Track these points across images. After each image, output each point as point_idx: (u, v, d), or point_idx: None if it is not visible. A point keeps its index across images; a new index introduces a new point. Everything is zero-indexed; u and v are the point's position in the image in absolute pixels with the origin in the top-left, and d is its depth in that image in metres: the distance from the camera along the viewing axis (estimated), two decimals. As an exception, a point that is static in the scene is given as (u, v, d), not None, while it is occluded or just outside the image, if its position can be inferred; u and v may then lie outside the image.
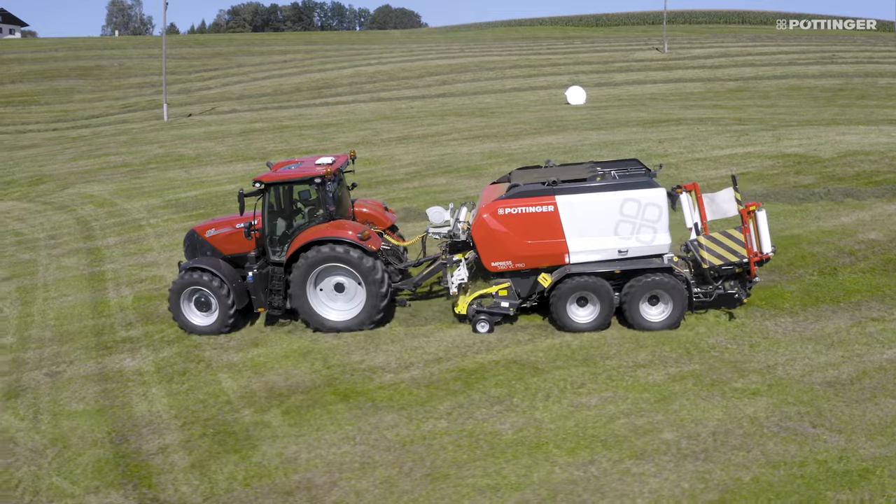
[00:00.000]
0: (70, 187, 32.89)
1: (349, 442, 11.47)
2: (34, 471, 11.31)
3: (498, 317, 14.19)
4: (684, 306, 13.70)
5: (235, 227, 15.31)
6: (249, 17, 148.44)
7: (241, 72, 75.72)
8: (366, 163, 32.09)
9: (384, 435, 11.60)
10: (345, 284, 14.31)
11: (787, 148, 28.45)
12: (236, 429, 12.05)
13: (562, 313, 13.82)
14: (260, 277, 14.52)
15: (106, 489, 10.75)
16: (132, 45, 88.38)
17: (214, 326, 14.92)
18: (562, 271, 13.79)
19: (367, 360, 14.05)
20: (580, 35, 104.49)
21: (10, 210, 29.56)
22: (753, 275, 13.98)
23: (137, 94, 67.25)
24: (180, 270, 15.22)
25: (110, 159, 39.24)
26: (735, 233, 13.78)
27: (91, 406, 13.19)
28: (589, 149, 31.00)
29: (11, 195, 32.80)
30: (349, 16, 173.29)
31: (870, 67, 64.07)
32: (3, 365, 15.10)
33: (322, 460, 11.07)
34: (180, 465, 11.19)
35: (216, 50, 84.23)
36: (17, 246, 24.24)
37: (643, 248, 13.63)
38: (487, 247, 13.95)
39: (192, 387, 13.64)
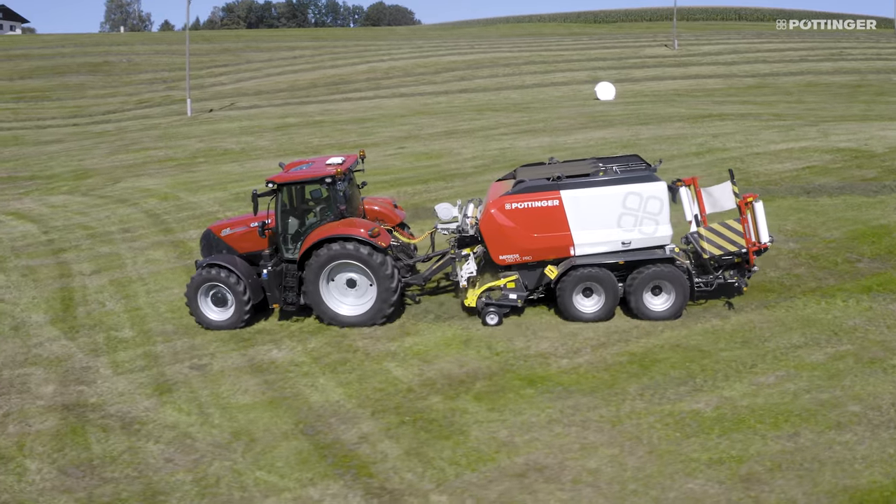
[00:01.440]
0: (121, 181, 32.35)
1: (558, 424, 11.33)
2: (229, 466, 10.95)
3: (506, 308, 14.41)
4: (686, 296, 14.06)
5: (250, 226, 15.61)
6: (244, 14, 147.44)
7: (252, 68, 75.18)
8: (425, 157, 31.91)
9: (589, 416, 11.49)
10: (356, 280, 14.63)
11: (837, 143, 28.52)
12: (434, 416, 11.82)
13: (568, 304, 14.14)
14: (274, 274, 14.84)
15: (322, 480, 10.45)
16: (139, 42, 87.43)
17: (230, 322, 15.19)
18: (567, 263, 14.11)
19: (533, 347, 13.92)
20: (584, 31, 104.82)
21: (67, 204, 28.99)
22: (752, 264, 14.35)
23: (149, 90, 66.53)
24: (197, 268, 15.45)
25: (151, 154, 38.67)
26: (734, 224, 14.17)
27: (259, 398, 12.87)
28: (646, 143, 30.97)
29: (60, 189, 32.20)
30: (343, 13, 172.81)
31: (879, 64, 64.83)
32: (138, 359, 14.72)
33: (540, 442, 10.91)
34: (393, 454, 10.91)
35: (224, 46, 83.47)
36: (90, 239, 23.74)
37: (646, 240, 14.01)
38: (495, 241, 14.28)
39: (360, 376, 13.38)
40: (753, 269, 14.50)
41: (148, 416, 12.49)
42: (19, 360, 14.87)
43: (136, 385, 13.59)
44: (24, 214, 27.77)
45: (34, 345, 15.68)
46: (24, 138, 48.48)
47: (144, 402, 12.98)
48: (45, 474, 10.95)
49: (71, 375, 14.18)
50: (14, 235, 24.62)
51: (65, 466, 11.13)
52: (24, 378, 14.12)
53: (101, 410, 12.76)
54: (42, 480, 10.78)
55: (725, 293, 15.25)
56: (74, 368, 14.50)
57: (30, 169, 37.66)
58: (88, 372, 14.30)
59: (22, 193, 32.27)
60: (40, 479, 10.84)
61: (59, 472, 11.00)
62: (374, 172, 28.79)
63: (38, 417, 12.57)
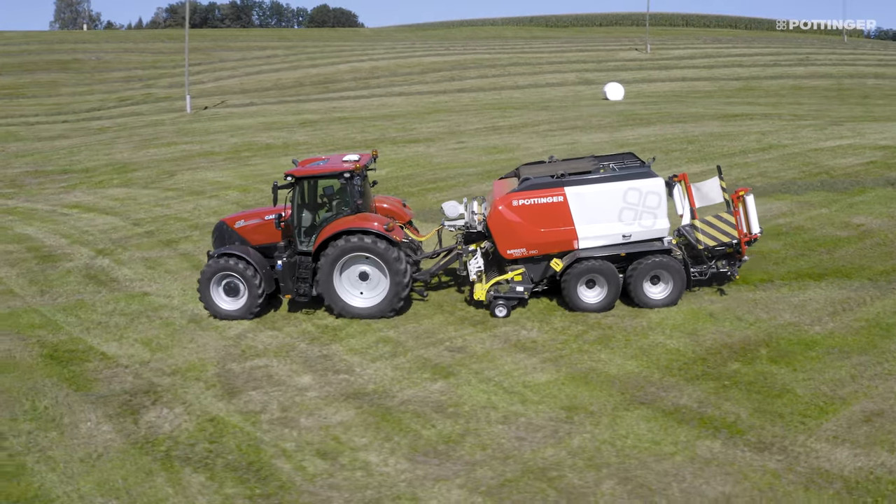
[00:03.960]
0: (176, 174, 30.78)
1: (861, 378, 11.67)
2: (591, 437, 10.46)
3: (514, 301, 14.72)
4: (683, 285, 14.53)
5: (264, 218, 15.69)
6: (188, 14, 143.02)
7: (228, 66, 73.26)
8: (495, 151, 31.58)
9: (878, 371, 11.85)
10: (369, 273, 14.80)
11: (877, 140, 29.46)
12: (749, 378, 11.88)
13: (573, 295, 14.48)
14: (288, 266, 14.94)
15: (700, 440, 10.10)
16: (104, 40, 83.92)
17: (241, 311, 15.13)
18: (572, 256, 14.52)
19: (777, 318, 14.02)
20: (547, 35, 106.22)
21: (134, 197, 27.36)
22: (744, 253, 14.90)
23: (126, 87, 64.00)
24: (209, 258, 15.43)
25: (183, 148, 36.99)
26: (727, 216, 14.71)
27: (556, 375, 12.27)
28: (706, 139, 31.34)
29: (109, 182, 30.39)
30: (287, 14, 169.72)
31: (849, 69, 67.98)
32: (377, 345, 13.78)
33: (860, 394, 11.19)
34: (743, 413, 10.85)
35: (192, 45, 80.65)
36: (196, 231, 22.44)
37: (645, 233, 14.50)
38: (503, 236, 14.65)
39: (640, 349, 13.05)
40: (744, 258, 14.99)
41: (449, 398, 11.72)
42: (237, 354, 13.79)
43: (404, 371, 12.74)
44: (92, 207, 26.08)
45: (236, 336, 14.61)
46: (20, 134, 45.62)
47: (430, 385, 12.19)
48: (395, 464, 10.07)
49: (315, 365, 13.21)
50: (102, 228, 23.07)
51: (410, 454, 10.29)
52: (265, 370, 13.07)
53: (390, 396, 11.88)
54: (397, 471, 9.91)
55: (717, 281, 15.67)
56: (311, 357, 13.54)
57: (54, 164, 35.43)
58: (333, 359, 13.37)
59: (66, 187, 30.30)
60: (394, 469, 9.96)
61: (407, 460, 10.16)
62: (453, 166, 28.35)
63: (328, 409, 11.59)
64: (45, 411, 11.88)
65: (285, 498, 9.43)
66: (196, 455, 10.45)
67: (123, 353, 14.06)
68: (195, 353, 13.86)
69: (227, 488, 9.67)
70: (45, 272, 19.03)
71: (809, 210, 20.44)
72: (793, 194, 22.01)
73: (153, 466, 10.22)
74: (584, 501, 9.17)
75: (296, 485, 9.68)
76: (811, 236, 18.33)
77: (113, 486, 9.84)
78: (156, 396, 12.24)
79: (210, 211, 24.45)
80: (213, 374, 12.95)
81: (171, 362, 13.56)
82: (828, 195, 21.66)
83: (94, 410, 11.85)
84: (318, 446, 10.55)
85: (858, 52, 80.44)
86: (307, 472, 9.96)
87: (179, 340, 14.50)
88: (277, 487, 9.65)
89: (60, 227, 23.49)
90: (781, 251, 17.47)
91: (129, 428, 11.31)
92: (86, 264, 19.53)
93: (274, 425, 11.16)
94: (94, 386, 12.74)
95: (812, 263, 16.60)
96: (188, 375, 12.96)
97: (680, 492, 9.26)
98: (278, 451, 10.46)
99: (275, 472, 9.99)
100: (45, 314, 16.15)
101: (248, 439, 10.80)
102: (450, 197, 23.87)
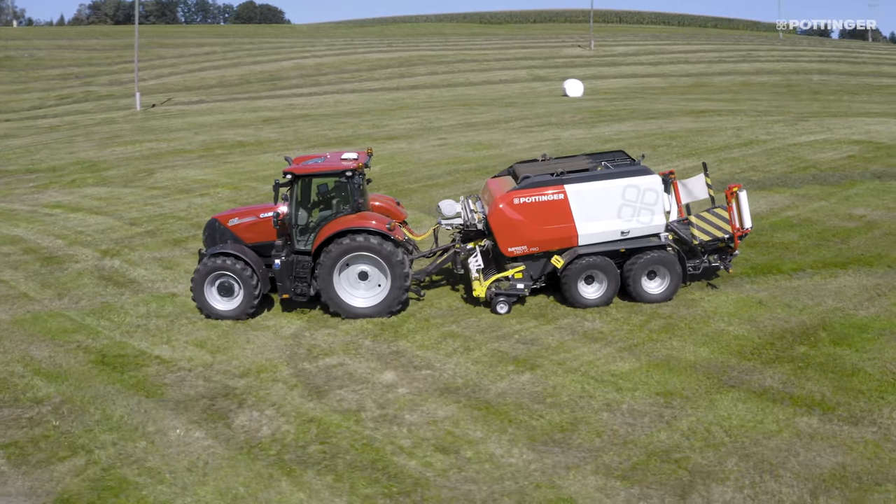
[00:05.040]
0: (155, 173, 29.78)
1: None
2: (697, 419, 10.79)
3: (514, 297, 14.89)
4: (679, 279, 14.96)
5: (259, 216, 15.48)
6: (111, 11, 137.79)
7: (166, 64, 71.16)
8: (481, 147, 31.73)
9: None
10: (368, 273, 14.73)
11: (849, 136, 30.92)
12: (819, 360, 12.44)
13: (573, 291, 14.76)
14: (286, 265, 14.80)
15: (797, 417, 10.55)
16: (35, 37, 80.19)
17: (237, 311, 14.88)
18: (572, 252, 14.75)
19: (822, 304, 14.67)
20: (485, 32, 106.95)
21: (118, 196, 26.32)
22: (736, 247, 15.41)
23: (64, 85, 61.42)
24: (201, 257, 15.28)
25: (149, 146, 35.78)
26: (721, 211, 15.26)
27: (637, 364, 12.54)
28: (686, 135, 32.25)
29: (84, 182, 29.16)
30: (213, 11, 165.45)
31: (792, 66, 71.03)
32: (445, 340, 13.81)
33: None
34: (827, 392, 11.44)
35: (126, 42, 77.94)
36: (201, 230, 21.87)
37: (643, 229, 14.83)
38: (505, 234, 14.80)
39: (707, 337, 13.49)
40: (735, 252, 15.47)
41: (544, 389, 11.83)
42: (304, 354, 13.52)
43: (485, 364, 12.76)
44: (76, 207, 24.99)
45: (293, 336, 14.35)
46: (-39, 133, 43.23)
47: (518, 377, 12.27)
48: (520, 455, 10.11)
49: (391, 361, 13.08)
50: (97, 229, 22.16)
51: (531, 444, 10.35)
52: (342, 369, 12.84)
53: (483, 390, 11.89)
54: (525, 462, 9.94)
55: (707, 276, 16.17)
56: (383, 354, 13.42)
57: (14, 163, 33.72)
58: (406, 355, 13.27)
59: (36, 187, 28.90)
60: (520, 460, 10.00)
61: (530, 450, 10.22)
62: (444, 162, 28.40)
63: (427, 404, 11.50)
64: (123, 420, 11.42)
65: (426, 494, 9.37)
66: (312, 457, 10.25)
67: (180, 356, 13.61)
68: (259, 354, 13.55)
69: (361, 488, 9.53)
70: (54, 274, 18.21)
71: (810, 203, 21.37)
72: (790, 188, 22.96)
73: (271, 472, 9.97)
74: (716, 478, 9.47)
75: (430, 480, 9.63)
76: (822, 227, 19.18)
77: (236, 494, 9.56)
78: (238, 400, 11.92)
79: (207, 209, 23.75)
80: (288, 375, 12.70)
81: (236, 364, 13.22)
82: (822, 188, 22.69)
83: (175, 417, 11.46)
84: (435, 441, 10.50)
85: (798, 49, 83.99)
86: (435, 467, 9.91)
87: (235, 342, 14.14)
88: (413, 484, 9.57)
89: (50, 227, 22.46)
90: (800, 242, 18.23)
91: (224, 433, 10.99)
92: (95, 265, 18.77)
93: (379, 423, 11.04)
94: (166, 391, 12.30)
95: (833, 253, 17.39)
96: (262, 377, 12.66)
97: (798, 465, 9.68)
98: (396, 449, 10.36)
99: (402, 469, 9.90)
100: (73, 318, 15.48)
101: (359, 438, 10.65)
102: (453, 193, 23.94)
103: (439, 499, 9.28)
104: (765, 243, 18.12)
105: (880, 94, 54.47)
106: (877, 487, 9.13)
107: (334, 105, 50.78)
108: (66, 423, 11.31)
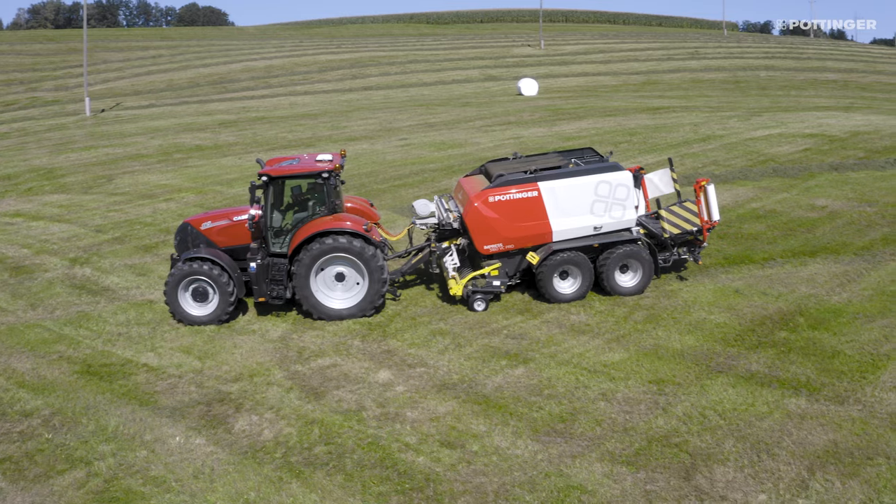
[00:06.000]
0: (115, 179, 29.17)
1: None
2: (691, 404, 11.12)
3: (490, 295, 15.13)
4: (651, 272, 15.39)
5: (233, 219, 15.44)
6: (51, 15, 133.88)
7: (112, 68, 69.63)
8: (445, 146, 31.88)
9: None
10: (345, 274, 14.77)
11: (802, 129, 32.14)
12: (800, 343, 12.97)
13: (549, 286, 15.04)
14: (262, 268, 14.75)
15: (783, 399, 10.96)
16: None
17: (212, 316, 14.77)
18: (547, 249, 15.01)
19: (797, 291, 15.27)
20: (434, 32, 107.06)
21: (80, 203, 25.70)
22: (705, 239, 15.86)
23: (8, 91, 59.76)
24: (174, 262, 15.24)
25: (104, 152, 35.02)
26: (690, 205, 15.72)
27: (625, 354, 12.89)
28: (645, 132, 33.06)
29: (41, 189, 28.39)
30: (155, 14, 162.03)
31: (739, 62, 72.87)
32: (436, 336, 13.93)
33: None
34: (810, 372, 11.90)
35: (70, 46, 76.28)
36: (171, 235, 21.54)
37: (615, 224, 15.19)
38: (480, 232, 14.99)
39: (691, 325, 13.90)
40: (704, 244, 15.94)
41: (539, 381, 12.04)
42: (294, 356, 13.53)
43: (478, 360, 12.91)
44: (37, 215, 24.35)
45: (280, 339, 14.31)
46: None
47: (512, 371, 12.46)
48: (525, 446, 10.28)
49: (384, 360, 13.14)
50: (62, 237, 21.67)
51: (534, 436, 10.54)
52: (337, 369, 12.86)
53: (480, 385, 12.05)
54: (531, 452, 10.11)
55: (676, 268, 16.67)
56: (375, 354, 13.48)
57: (-38, 172, 32.70)
58: (398, 354, 13.34)
59: (-10, 196, 28.10)
60: (526, 451, 10.17)
61: (534, 441, 10.41)
62: (410, 162, 28.48)
63: (427, 401, 11.61)
64: (119, 430, 11.25)
65: (439, 489, 9.49)
66: (318, 458, 10.27)
67: (168, 363, 13.46)
68: (249, 358, 13.48)
69: (373, 487, 9.60)
70: (24, 284, 17.77)
71: (773, 195, 22.09)
72: (752, 181, 23.69)
73: (280, 475, 9.96)
74: (716, 460, 9.80)
75: (440, 475, 9.75)
76: (787, 218, 19.87)
77: (247, 499, 9.53)
78: (235, 404, 11.85)
79: (174, 214, 23.47)
80: (282, 378, 12.67)
81: (227, 369, 13.13)
82: (783, 181, 23.46)
83: (173, 424, 11.34)
84: (440, 437, 10.62)
85: (744, 46, 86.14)
86: (443, 462, 10.03)
87: (222, 346, 14.03)
88: (424, 479, 9.68)
89: (13, 236, 21.87)
90: (767, 232, 18.85)
91: (225, 438, 10.93)
92: (66, 274, 18.37)
93: (382, 421, 11.11)
94: (159, 399, 12.16)
95: (801, 242, 18.04)
96: (256, 381, 12.61)
97: (793, 443, 10.08)
98: (402, 446, 10.45)
99: (411, 465, 9.99)
100: (51, 329, 15.15)
101: (364, 437, 10.71)
102: (422, 193, 24.08)
103: (452, 493, 9.40)
104: (734, 234, 18.69)
105: (826, 89, 56.36)
106: (868, 461, 9.57)
107: (289, 107, 50.36)
108: (60, 436, 11.09)
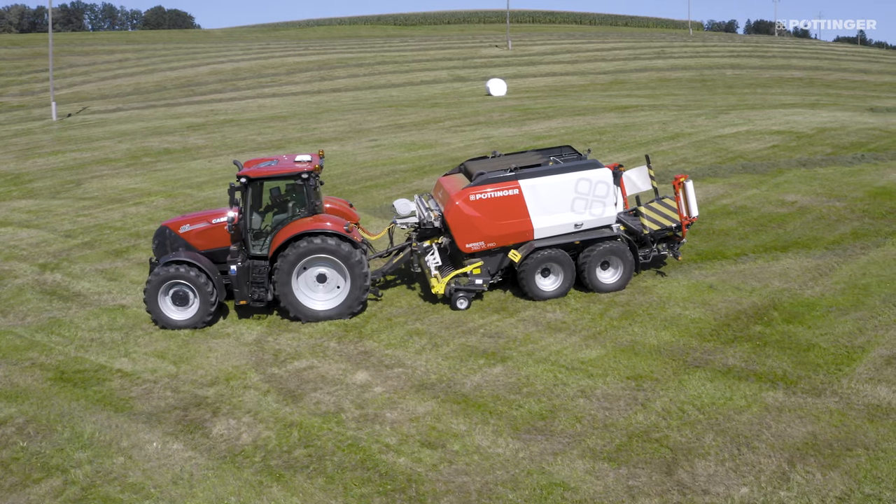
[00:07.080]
0: (83, 184, 28.73)
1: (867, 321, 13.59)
2: (671, 399, 11.21)
3: (473, 293, 15.18)
4: (632, 269, 15.46)
5: (211, 222, 15.33)
6: (15, 20, 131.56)
7: (79, 72, 68.62)
8: (417, 147, 31.86)
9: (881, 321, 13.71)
10: (327, 275, 14.70)
11: (769, 126, 32.70)
12: (776, 337, 13.18)
13: (531, 284, 15.08)
14: (243, 271, 14.65)
15: (763, 392, 11.11)
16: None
17: (193, 320, 14.61)
18: (529, 246, 15.06)
19: (770, 286, 15.53)
20: (402, 34, 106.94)
21: (48, 208, 25.25)
22: (684, 235, 16.03)
23: (-30, 95, 58.48)
24: (153, 266, 15.11)
25: (72, 156, 34.48)
26: (669, 202, 15.82)
27: (602, 351, 12.96)
28: (615, 131, 33.33)
29: (10, 195, 27.81)
30: (121, 17, 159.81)
31: (705, 61, 73.78)
32: (413, 337, 13.94)
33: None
34: (786, 364, 12.00)
35: (35, 50, 75.01)
36: (142, 239, 21.23)
37: (595, 221, 15.26)
38: (462, 230, 15.00)
39: (666, 321, 14.03)
40: (683, 240, 16.10)
41: (518, 380, 12.05)
42: (270, 359, 13.43)
43: (456, 359, 12.89)
44: (5, 221, 23.77)
45: (255, 342, 14.19)
46: None
47: (490, 369, 12.46)
48: (506, 445, 10.27)
49: (361, 361, 13.09)
50: (31, 242, 21.29)
51: (515, 434, 10.54)
52: (314, 371, 12.81)
53: (459, 384, 12.03)
54: (513, 451, 10.09)
55: (655, 264, 16.83)
56: (352, 355, 13.42)
57: (-76, 178, 32.00)
58: (375, 355, 13.30)
59: (-46, 202, 27.51)
60: (507, 449, 10.15)
61: (515, 439, 10.41)
62: (381, 163, 28.45)
63: (406, 402, 11.58)
64: (94, 437, 11.06)
65: (421, 489, 9.45)
66: (298, 461, 10.19)
67: (142, 368, 13.27)
68: (224, 362, 13.34)
69: (354, 488, 9.53)
70: (-8, 292, 17.43)
71: (743, 191, 22.39)
72: (722, 178, 23.99)
73: (260, 478, 9.86)
74: (697, 454, 9.89)
75: (422, 475, 9.72)
76: (758, 214, 20.15)
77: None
78: (212, 409, 11.71)
79: (144, 218, 23.18)
80: (259, 381, 12.55)
81: (202, 373, 12.98)
82: (752, 177, 23.79)
83: (149, 430, 11.18)
84: (420, 437, 10.59)
85: (710, 45, 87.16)
86: (425, 462, 10.00)
87: (196, 350, 13.87)
88: (406, 480, 9.64)
89: (-21, 244, 21.42)
90: (739, 228, 19.11)
91: (203, 443, 10.80)
92: (35, 280, 18.05)
93: (361, 423, 11.06)
94: (134, 405, 11.98)
95: (772, 237, 18.30)
96: (232, 384, 12.48)
97: (772, 436, 10.20)
98: (382, 447, 10.40)
99: (392, 466, 9.95)
100: (22, 335, 14.87)
101: (343, 439, 10.64)
102: (395, 193, 24.04)
103: (435, 493, 9.37)
104: (706, 231, 18.90)
105: (791, 86, 57.27)
106: (848, 452, 9.71)
107: (258, 109, 49.99)
108: (35, 444, 10.87)
